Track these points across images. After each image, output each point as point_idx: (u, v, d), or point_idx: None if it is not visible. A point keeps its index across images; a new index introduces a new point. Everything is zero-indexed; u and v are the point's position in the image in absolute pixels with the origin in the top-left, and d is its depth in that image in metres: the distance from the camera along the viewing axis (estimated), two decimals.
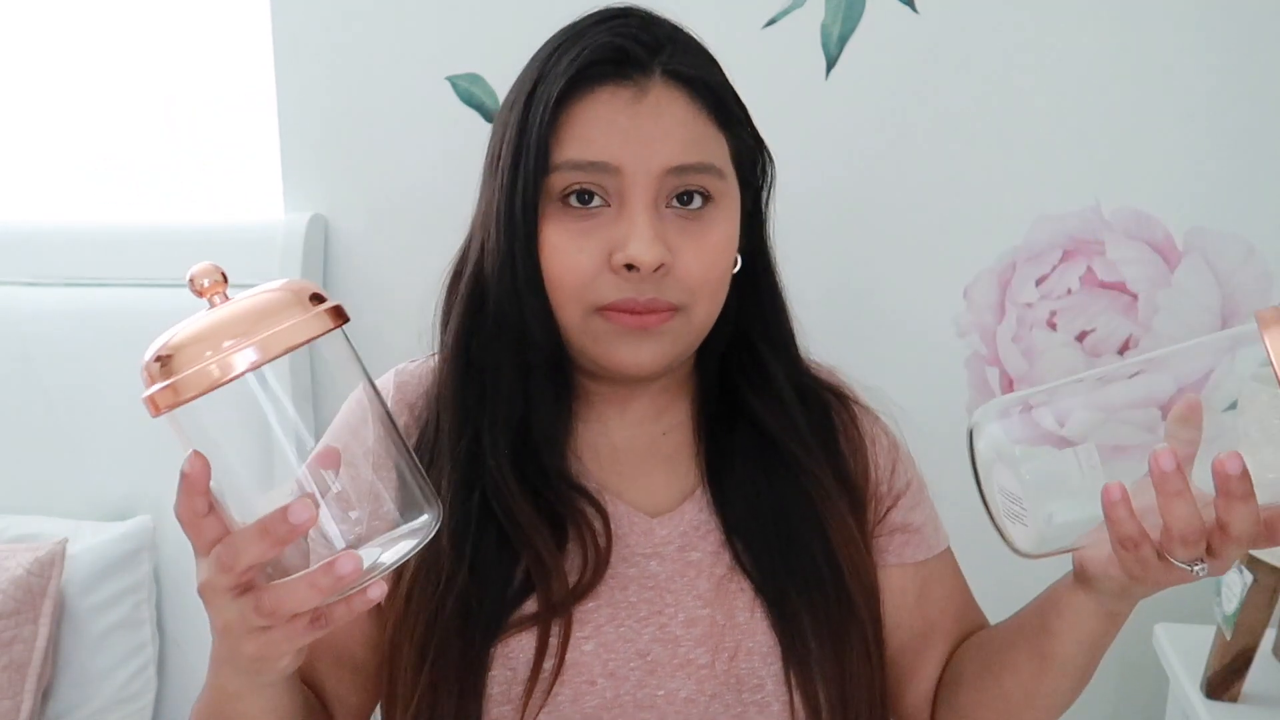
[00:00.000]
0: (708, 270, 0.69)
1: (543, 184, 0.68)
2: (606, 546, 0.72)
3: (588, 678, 0.69)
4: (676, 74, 0.69)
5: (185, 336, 0.48)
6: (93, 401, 1.38)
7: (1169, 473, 0.52)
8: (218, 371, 0.47)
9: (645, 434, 0.78)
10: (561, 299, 0.69)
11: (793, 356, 0.80)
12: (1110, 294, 1.29)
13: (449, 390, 0.74)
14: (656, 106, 0.68)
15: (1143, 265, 1.28)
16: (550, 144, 0.67)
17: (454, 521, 0.70)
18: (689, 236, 0.69)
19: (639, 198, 0.67)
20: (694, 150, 0.69)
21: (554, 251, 0.68)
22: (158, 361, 0.48)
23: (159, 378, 0.48)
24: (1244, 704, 1.09)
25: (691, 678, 0.70)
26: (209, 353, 0.47)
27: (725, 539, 0.74)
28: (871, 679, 0.73)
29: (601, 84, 0.68)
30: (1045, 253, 1.30)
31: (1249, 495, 0.51)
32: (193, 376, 0.47)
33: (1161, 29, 1.22)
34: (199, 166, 1.49)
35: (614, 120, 0.67)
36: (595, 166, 0.67)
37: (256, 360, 0.47)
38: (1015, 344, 1.32)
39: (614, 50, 0.68)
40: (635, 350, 0.69)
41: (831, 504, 0.75)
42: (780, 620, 0.71)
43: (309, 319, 0.49)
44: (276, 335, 0.48)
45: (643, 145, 0.67)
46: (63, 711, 1.27)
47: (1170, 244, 1.27)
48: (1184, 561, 0.54)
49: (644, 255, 0.66)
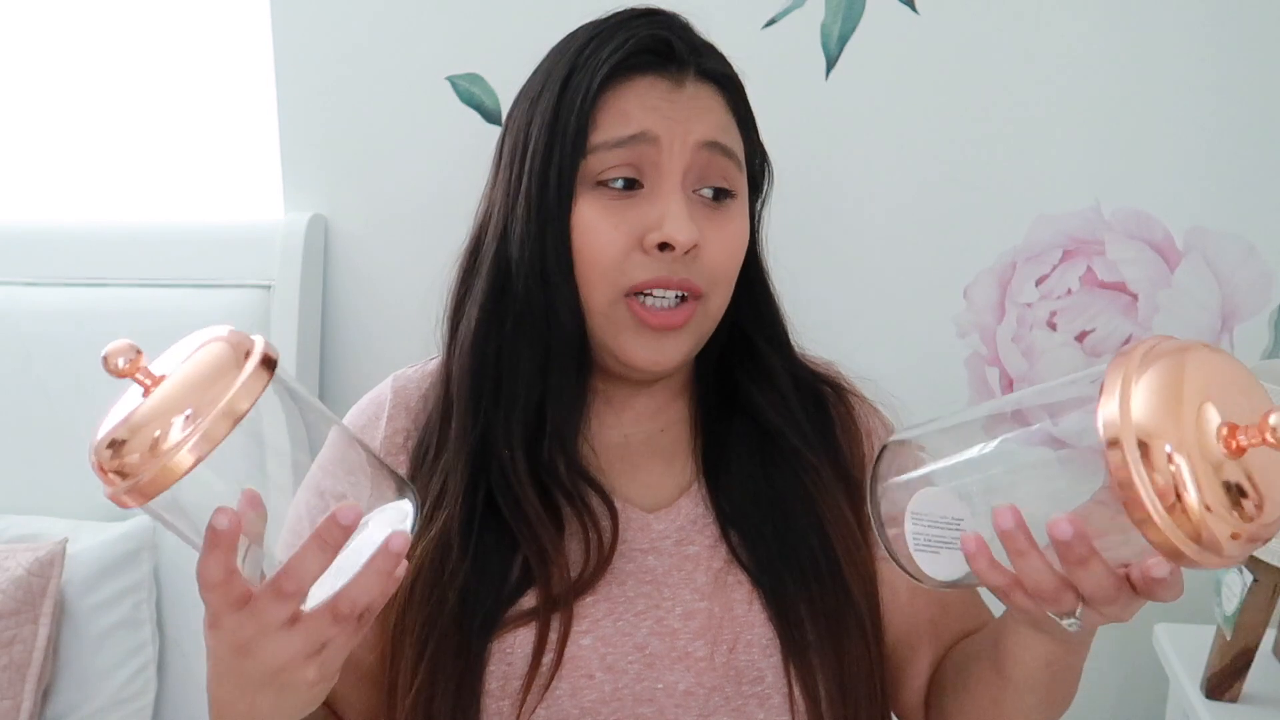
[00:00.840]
0: (730, 259, 0.72)
1: (578, 167, 0.69)
2: (612, 542, 0.72)
3: (586, 671, 0.69)
4: (710, 73, 0.73)
5: (125, 432, 0.47)
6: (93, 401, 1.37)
7: (1008, 530, 0.50)
8: (170, 469, 0.46)
9: (643, 431, 0.78)
10: (592, 280, 0.70)
11: (788, 350, 0.81)
12: (1110, 294, 1.29)
13: (463, 379, 0.74)
14: (693, 94, 0.72)
15: (1143, 265, 1.28)
16: (588, 128, 0.69)
17: (461, 514, 0.71)
18: (714, 225, 0.71)
19: (674, 173, 0.69)
20: (723, 133, 0.72)
21: (587, 231, 0.69)
22: (104, 460, 0.48)
23: (117, 483, 0.47)
24: (1244, 704, 1.08)
25: (690, 670, 0.70)
26: (154, 446, 0.46)
27: (722, 532, 0.74)
28: (871, 669, 0.73)
29: (642, 73, 0.71)
30: (1045, 253, 1.30)
31: (1088, 557, 0.48)
32: (150, 482, 0.46)
33: (1161, 29, 1.22)
34: (199, 166, 1.49)
35: (652, 101, 0.70)
36: (633, 139, 0.69)
37: (204, 451, 0.46)
38: (1015, 344, 1.32)
39: (660, 42, 0.71)
40: (658, 349, 0.71)
41: (828, 495, 0.75)
42: (778, 612, 0.71)
43: (245, 383, 0.47)
44: (215, 421, 0.46)
45: (679, 120, 0.70)
46: (63, 711, 1.27)
47: (1170, 244, 1.27)
48: (1055, 615, 0.53)
49: (679, 234, 0.67)
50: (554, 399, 0.72)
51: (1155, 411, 0.45)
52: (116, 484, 0.47)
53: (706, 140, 0.70)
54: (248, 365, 0.48)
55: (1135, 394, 0.45)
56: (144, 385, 0.48)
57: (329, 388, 1.44)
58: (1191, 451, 0.44)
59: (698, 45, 0.74)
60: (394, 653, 0.71)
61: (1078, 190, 1.28)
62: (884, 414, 0.84)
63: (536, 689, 0.68)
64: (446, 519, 0.71)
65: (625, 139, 0.69)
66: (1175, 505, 0.44)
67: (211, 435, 0.46)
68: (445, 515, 0.71)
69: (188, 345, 0.50)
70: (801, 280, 0.84)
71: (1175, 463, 0.44)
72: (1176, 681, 1.15)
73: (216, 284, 1.39)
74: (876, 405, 0.84)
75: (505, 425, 0.72)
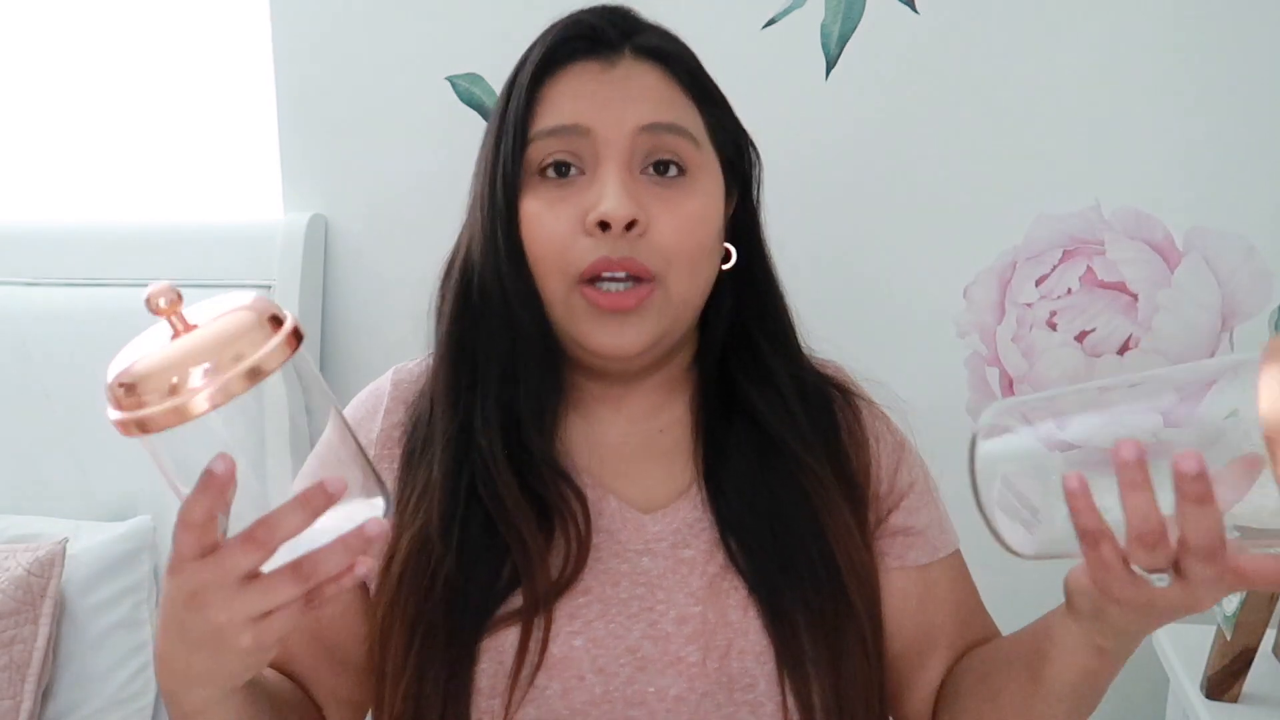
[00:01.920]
0: (684, 237, 0.70)
1: (521, 160, 0.71)
2: (586, 535, 0.71)
3: (577, 673, 0.68)
4: (645, 49, 0.73)
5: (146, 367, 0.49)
6: (93, 401, 1.37)
7: (1129, 462, 0.49)
8: (180, 411, 0.48)
9: (641, 431, 0.78)
10: (543, 271, 0.70)
11: (792, 350, 0.80)
12: (1110, 294, 1.29)
13: (442, 377, 0.76)
14: (626, 74, 0.72)
15: (1143, 265, 1.28)
16: (527, 120, 0.71)
17: (443, 505, 0.71)
18: (664, 202, 0.70)
19: (611, 159, 0.69)
20: (664, 111, 0.71)
21: (531, 221, 0.70)
22: (121, 388, 0.49)
23: (124, 407, 0.49)
24: (1244, 704, 1.08)
25: (682, 676, 0.69)
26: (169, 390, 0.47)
27: (719, 537, 0.73)
28: (869, 680, 0.72)
29: (573, 60, 0.72)
30: (1045, 253, 1.30)
31: (1206, 499, 0.48)
32: (156, 415, 0.48)
33: (1161, 29, 1.22)
34: (199, 166, 1.49)
35: (583, 87, 0.71)
36: (566, 130, 0.70)
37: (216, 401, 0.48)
38: (1015, 344, 1.32)
39: (585, 28, 0.73)
40: (617, 333, 0.70)
41: (830, 501, 0.74)
42: (774, 620, 0.70)
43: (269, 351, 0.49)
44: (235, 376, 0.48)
45: (612, 107, 0.70)
46: (63, 711, 1.27)
47: (1170, 244, 1.27)
48: (1146, 569, 0.52)
49: (615, 210, 0.67)
50: (525, 391, 0.73)
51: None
52: (128, 412, 0.49)
53: (645, 124, 0.70)
54: (278, 334, 0.50)
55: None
56: (175, 329, 0.50)
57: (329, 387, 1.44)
58: None
59: (633, 28, 0.74)
60: (383, 644, 0.71)
61: (1078, 190, 1.28)
62: (892, 419, 0.82)
63: (520, 688, 0.67)
64: (428, 509, 0.71)
65: (558, 128, 0.70)
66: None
67: (229, 389, 0.48)
68: (428, 505, 0.72)
69: (222, 303, 0.52)
70: (800, 280, 0.83)
71: None
72: (1176, 681, 1.15)
73: (216, 284, 1.39)
74: (885, 410, 0.82)
75: (482, 417, 0.73)
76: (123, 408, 0.49)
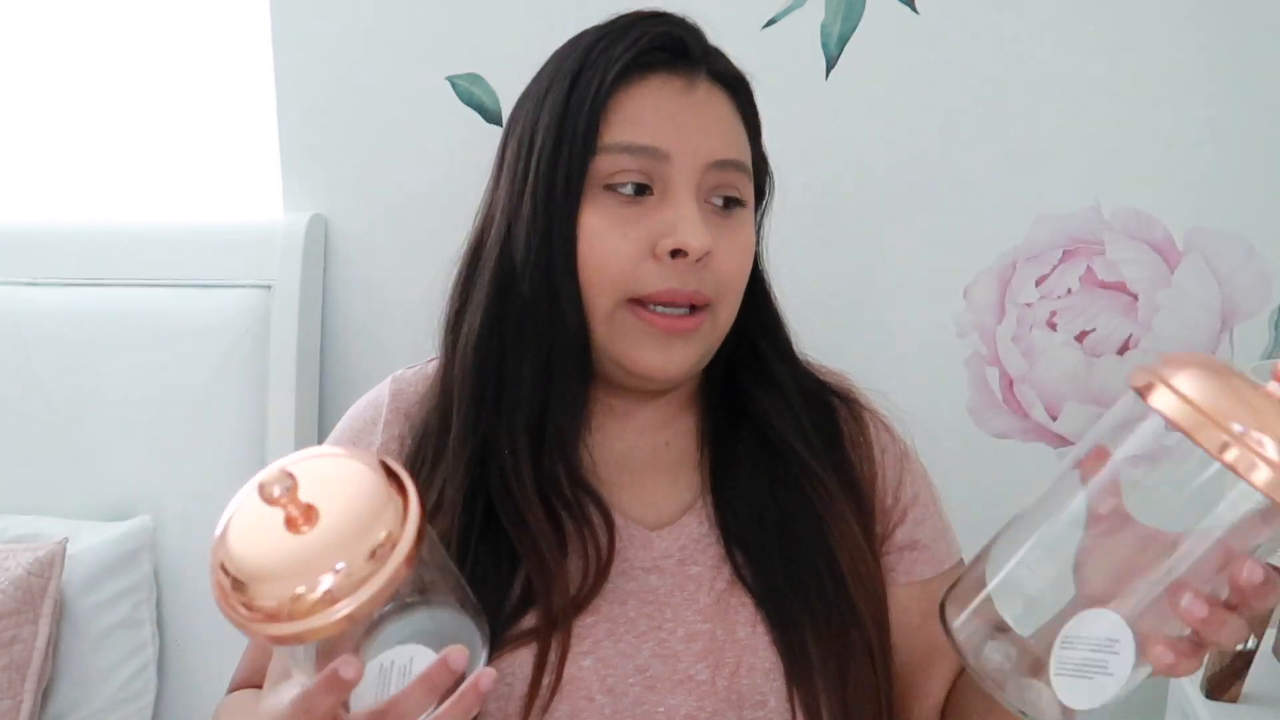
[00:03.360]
0: (739, 268, 0.71)
1: (587, 168, 0.68)
2: (608, 558, 0.70)
3: (586, 694, 0.67)
4: (720, 75, 0.72)
5: (273, 573, 0.43)
6: (93, 401, 1.38)
7: (1203, 618, 0.48)
8: (318, 631, 0.42)
9: (647, 444, 0.77)
10: (597, 287, 0.68)
11: (793, 357, 0.80)
12: (1110, 294, 1.29)
13: (464, 383, 0.72)
14: (706, 100, 0.71)
15: (1143, 265, 1.28)
16: (599, 127, 0.68)
17: (459, 525, 0.69)
18: (724, 233, 0.70)
19: (685, 187, 0.68)
20: (734, 147, 0.71)
21: (595, 237, 0.68)
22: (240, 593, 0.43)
23: (238, 607, 0.43)
24: (1244, 704, 1.08)
25: (692, 694, 0.68)
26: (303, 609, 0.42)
27: (725, 551, 0.72)
28: (877, 691, 0.71)
29: (655, 71, 0.70)
30: (1045, 253, 1.30)
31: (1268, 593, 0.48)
32: (289, 634, 0.43)
33: (1161, 29, 1.22)
34: (199, 166, 1.49)
35: (666, 107, 0.69)
36: (646, 151, 0.67)
37: (356, 620, 0.43)
38: (1015, 344, 1.32)
39: (675, 40, 0.70)
40: (665, 354, 0.69)
41: (836, 510, 0.73)
42: (782, 635, 0.69)
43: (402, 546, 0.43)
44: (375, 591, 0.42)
45: (692, 135, 0.68)
46: (63, 711, 1.27)
47: (1170, 244, 1.27)
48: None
49: (694, 240, 0.66)
50: (556, 405, 0.71)
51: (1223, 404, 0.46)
52: (243, 615, 0.43)
53: (719, 159, 0.69)
54: (406, 530, 0.44)
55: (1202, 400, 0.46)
56: (293, 520, 0.44)
57: (329, 387, 1.44)
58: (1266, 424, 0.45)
59: (709, 47, 0.73)
60: None
61: (1078, 190, 1.28)
62: (896, 428, 0.82)
63: (536, 710, 0.66)
64: (444, 530, 0.69)
65: (637, 148, 0.67)
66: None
67: (370, 603, 0.43)
68: (442, 526, 0.69)
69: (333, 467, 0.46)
70: (801, 281, 0.83)
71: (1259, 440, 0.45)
72: (1176, 681, 1.15)
73: (216, 284, 1.39)
74: (888, 420, 0.82)
75: (509, 430, 0.70)
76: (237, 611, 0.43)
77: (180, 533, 1.33)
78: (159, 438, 1.35)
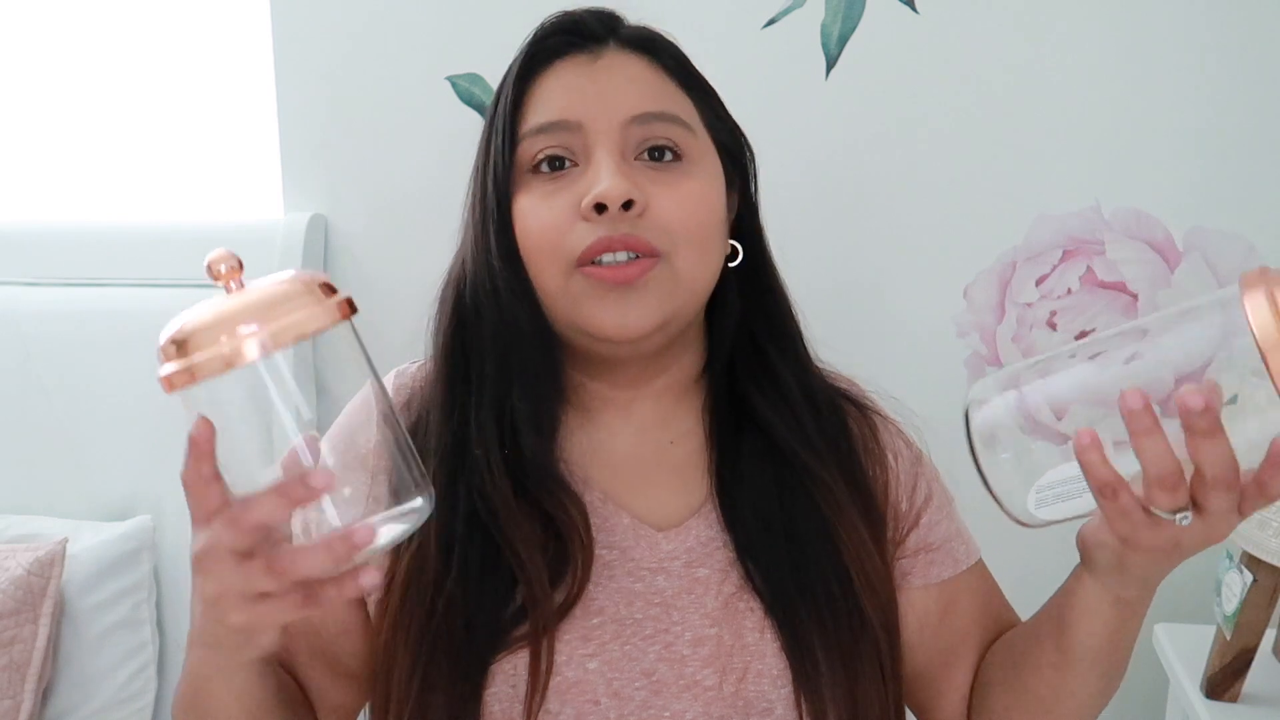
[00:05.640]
0: (687, 215, 0.69)
1: (512, 159, 0.70)
2: (589, 547, 0.69)
3: (591, 697, 0.67)
4: (631, 40, 0.74)
5: (201, 321, 0.50)
6: (93, 401, 1.38)
7: (1137, 410, 0.50)
8: (230, 357, 0.49)
9: (651, 442, 0.76)
10: (541, 262, 0.69)
11: (800, 356, 0.79)
12: (1110, 294, 1.29)
13: (438, 383, 0.75)
14: (611, 66, 0.72)
15: (1143, 265, 1.27)
16: (516, 118, 0.71)
17: (440, 524, 0.69)
18: (662, 184, 0.69)
19: (603, 147, 0.69)
20: (652, 100, 0.71)
21: (525, 215, 0.70)
22: (173, 344, 0.50)
23: (174, 358, 0.50)
24: (1244, 704, 1.08)
25: (698, 700, 0.67)
26: (223, 338, 0.49)
27: (736, 557, 0.71)
28: (885, 699, 0.71)
29: (559, 56, 0.72)
30: (1045, 253, 1.29)
31: (1215, 430, 0.49)
32: (206, 361, 0.49)
33: (1161, 29, 1.22)
34: (199, 166, 1.49)
35: (570, 81, 0.71)
36: (555, 126, 0.70)
37: (266, 348, 0.49)
38: (1015, 344, 1.31)
39: (569, 22, 0.73)
40: (620, 308, 0.68)
41: (844, 516, 0.72)
42: (791, 642, 0.69)
43: (319, 310, 0.51)
44: (287, 325, 0.49)
45: (600, 100, 0.70)
46: (63, 711, 1.27)
47: (1170, 244, 1.27)
48: (1167, 511, 0.52)
49: (610, 190, 0.66)
50: (519, 391, 0.71)
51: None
52: (171, 357, 0.50)
53: (635, 114, 0.69)
54: (330, 298, 0.51)
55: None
56: (230, 291, 0.52)
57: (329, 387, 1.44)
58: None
59: (617, 22, 0.74)
60: (386, 664, 0.69)
61: (1078, 190, 1.27)
62: (908, 434, 0.81)
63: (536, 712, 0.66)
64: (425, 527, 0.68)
65: (548, 124, 0.69)
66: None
67: (278, 338, 0.49)
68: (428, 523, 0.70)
69: (278, 275, 0.53)
70: (801, 280, 0.83)
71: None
72: (1176, 681, 1.15)
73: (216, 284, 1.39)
74: (900, 425, 0.81)
75: (478, 423, 0.71)
76: (171, 360, 0.50)
77: (180, 533, 1.33)
78: (159, 438, 1.35)
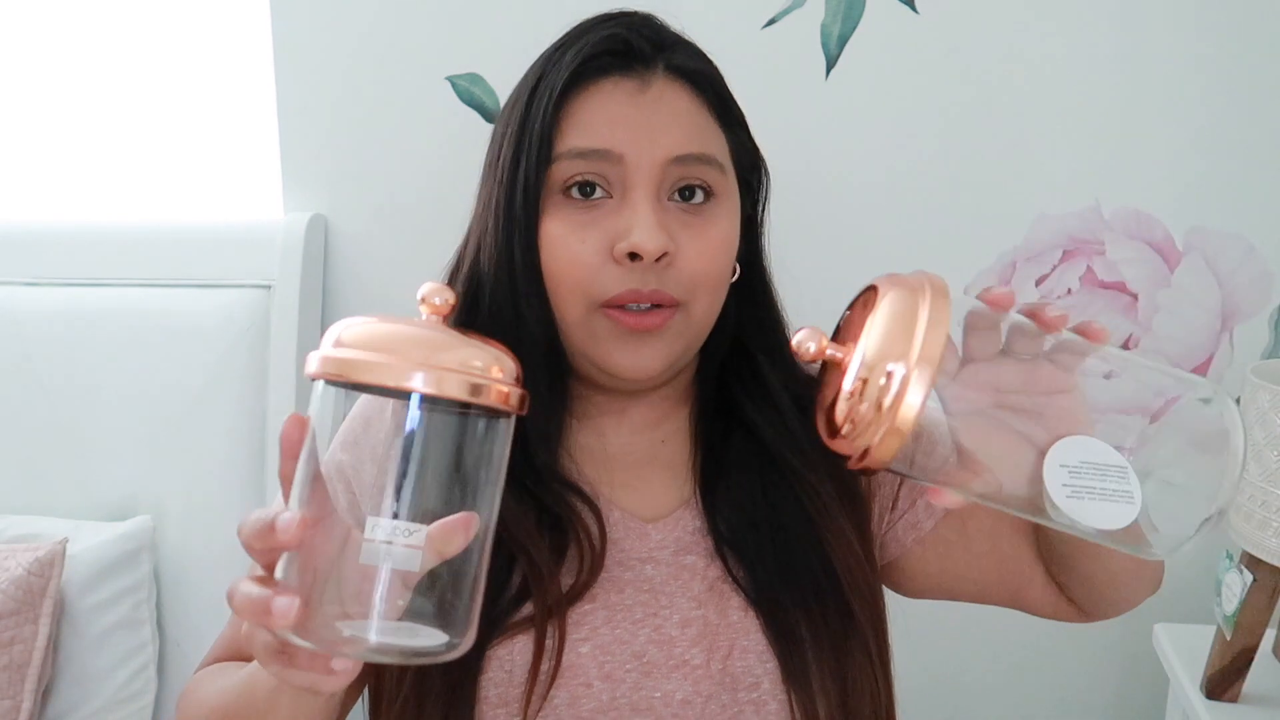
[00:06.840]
0: (709, 265, 0.69)
1: (545, 176, 0.68)
2: (601, 548, 0.71)
3: (584, 680, 0.68)
4: (680, 69, 0.71)
5: (385, 333, 0.47)
6: (93, 402, 1.38)
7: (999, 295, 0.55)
8: (389, 376, 0.46)
9: (644, 441, 0.77)
10: (564, 294, 0.69)
11: (790, 364, 0.79)
12: (1110, 294, 1.29)
13: None
14: (660, 98, 0.69)
15: (1143, 265, 1.28)
16: (553, 136, 0.68)
17: None
18: (691, 230, 0.69)
19: (641, 187, 0.67)
20: (696, 141, 0.69)
21: (555, 243, 0.68)
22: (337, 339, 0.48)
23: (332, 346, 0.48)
24: (1244, 704, 1.09)
25: (688, 679, 0.69)
26: (393, 358, 0.46)
27: (717, 551, 0.73)
28: (875, 689, 0.72)
29: (605, 76, 0.69)
30: (1045, 253, 1.30)
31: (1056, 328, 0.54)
32: (363, 365, 0.46)
33: (1161, 29, 1.22)
34: (199, 166, 1.49)
35: (617, 110, 0.68)
36: (597, 154, 0.67)
37: (426, 389, 0.46)
38: None
39: (619, 43, 0.69)
40: (636, 353, 0.69)
41: (829, 515, 0.73)
42: (777, 635, 0.70)
43: (509, 392, 0.49)
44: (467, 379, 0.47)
45: (645, 134, 0.68)
46: (63, 711, 1.27)
47: (1170, 244, 1.27)
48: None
49: (647, 243, 0.65)
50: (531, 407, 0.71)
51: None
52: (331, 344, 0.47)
53: (677, 155, 0.68)
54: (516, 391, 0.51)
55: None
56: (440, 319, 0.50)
57: None
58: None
59: (665, 41, 0.71)
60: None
61: (1078, 190, 1.28)
62: None
63: (536, 698, 0.67)
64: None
65: (589, 150, 0.67)
66: None
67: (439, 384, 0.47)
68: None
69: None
70: (800, 281, 0.83)
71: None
72: (1176, 681, 1.15)
73: (216, 284, 1.39)
74: None
75: None
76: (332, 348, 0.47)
77: (180, 533, 1.33)
78: (159, 438, 1.35)
